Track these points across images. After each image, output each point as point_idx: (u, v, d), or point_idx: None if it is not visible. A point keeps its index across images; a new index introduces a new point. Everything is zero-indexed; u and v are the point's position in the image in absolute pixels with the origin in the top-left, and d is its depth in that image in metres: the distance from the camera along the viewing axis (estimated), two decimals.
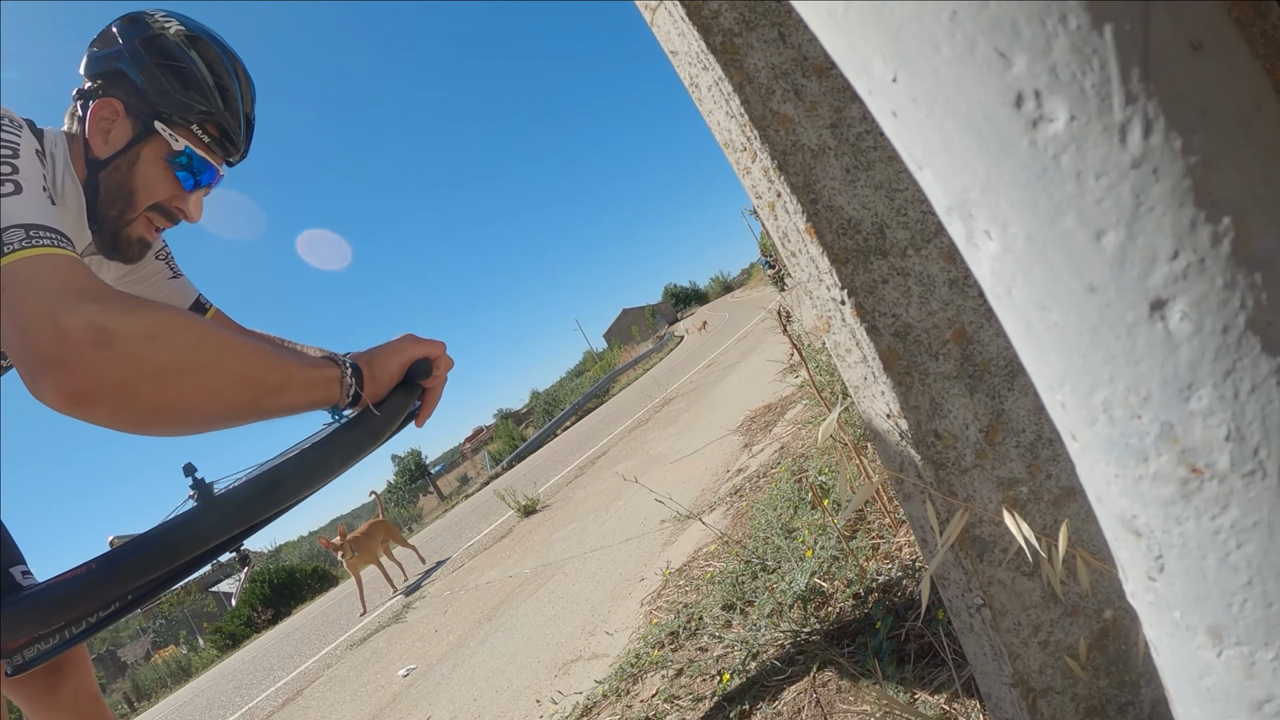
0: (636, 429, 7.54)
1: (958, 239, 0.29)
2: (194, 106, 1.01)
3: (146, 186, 1.01)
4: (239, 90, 1.07)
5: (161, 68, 1.00)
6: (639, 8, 0.82)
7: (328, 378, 0.90)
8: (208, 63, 1.03)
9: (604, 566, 2.98)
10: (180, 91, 1.00)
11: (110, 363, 0.69)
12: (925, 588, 0.63)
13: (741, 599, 1.75)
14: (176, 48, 1.01)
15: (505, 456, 18.01)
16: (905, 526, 1.59)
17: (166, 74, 1.00)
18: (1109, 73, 0.23)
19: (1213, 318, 0.24)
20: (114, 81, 1.00)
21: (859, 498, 0.79)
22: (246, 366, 0.80)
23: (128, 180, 1.00)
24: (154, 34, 1.01)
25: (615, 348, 45.88)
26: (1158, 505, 0.27)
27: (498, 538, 5.53)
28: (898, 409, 0.72)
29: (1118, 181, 0.24)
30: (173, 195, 1.04)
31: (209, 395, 0.77)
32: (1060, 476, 0.74)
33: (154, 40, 1.01)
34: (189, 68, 1.01)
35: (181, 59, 1.01)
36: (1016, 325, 0.29)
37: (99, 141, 0.99)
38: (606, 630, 2.23)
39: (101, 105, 0.99)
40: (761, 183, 0.76)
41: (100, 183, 0.99)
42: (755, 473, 2.97)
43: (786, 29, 0.74)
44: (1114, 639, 0.75)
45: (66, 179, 0.97)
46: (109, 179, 0.99)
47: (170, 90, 1.00)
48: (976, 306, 0.74)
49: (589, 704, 1.71)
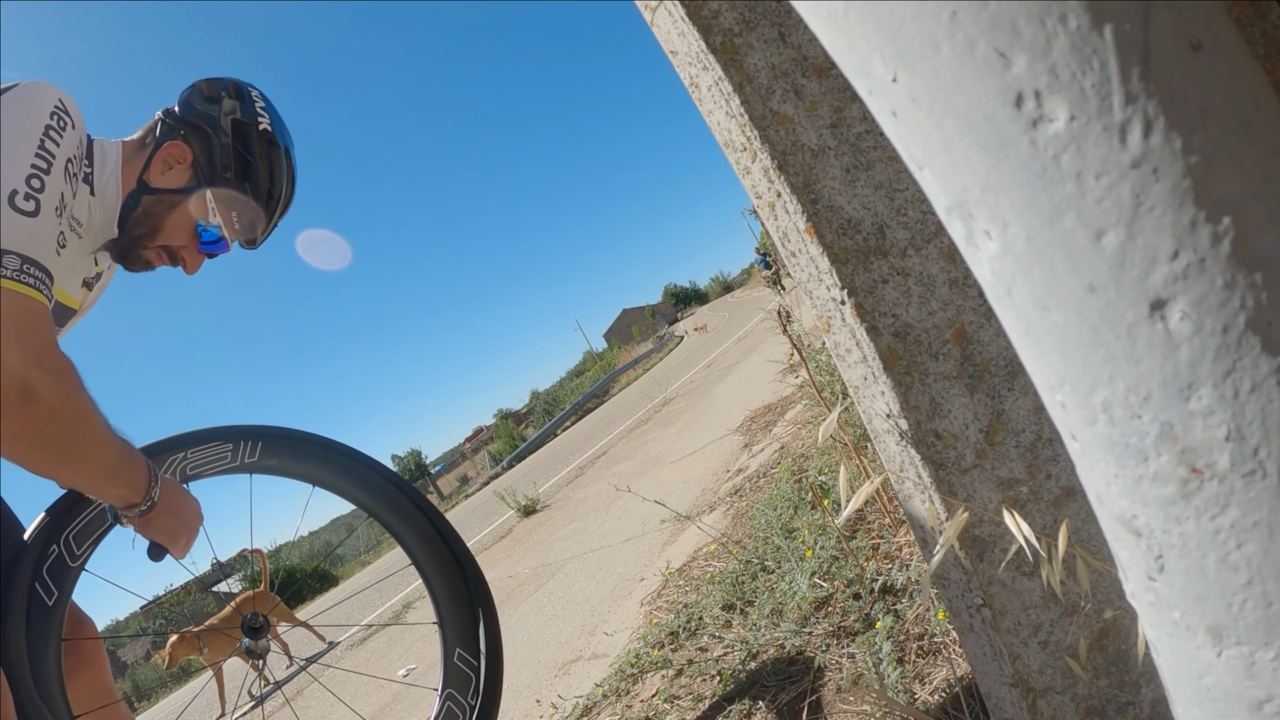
0: (636, 429, 7.54)
1: (958, 239, 0.29)
2: (241, 195, 1.15)
3: (171, 229, 1.12)
4: (281, 202, 1.22)
5: (236, 152, 1.14)
6: (639, 8, 0.82)
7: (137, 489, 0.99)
8: (271, 168, 1.17)
9: (604, 566, 2.98)
10: (237, 180, 1.14)
11: (18, 415, 0.81)
12: (925, 588, 0.63)
13: (741, 599, 1.75)
14: (256, 144, 1.15)
15: (505, 456, 18.01)
16: (905, 526, 1.59)
17: (237, 160, 1.14)
18: (1109, 73, 0.23)
19: (1213, 318, 0.24)
20: (196, 135, 1.13)
21: (859, 498, 0.79)
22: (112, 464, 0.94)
23: (161, 216, 1.11)
24: (245, 122, 1.15)
25: (615, 348, 45.90)
26: (1158, 505, 0.27)
27: (498, 538, 5.53)
28: (898, 409, 0.72)
29: (1118, 181, 0.24)
30: (185, 246, 1.15)
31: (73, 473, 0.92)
32: (1060, 476, 0.74)
33: (243, 126, 1.15)
34: (255, 165, 1.15)
35: (254, 156, 1.15)
36: (1016, 325, 0.29)
37: (158, 171, 1.11)
38: (606, 630, 2.23)
39: (176, 146, 1.12)
40: (761, 183, 0.76)
41: (140, 204, 1.10)
42: (755, 473, 2.97)
43: (786, 29, 0.74)
44: (1114, 639, 0.75)
45: (111, 183, 1.07)
46: (149, 205, 1.10)
47: (232, 174, 1.13)
48: (976, 306, 0.74)
49: (589, 704, 1.71)
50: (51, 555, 1.02)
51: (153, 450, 1.14)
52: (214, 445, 1.18)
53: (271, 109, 1.20)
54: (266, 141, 1.16)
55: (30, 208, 0.86)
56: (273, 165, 1.17)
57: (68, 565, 1.04)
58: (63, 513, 1.05)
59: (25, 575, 1.00)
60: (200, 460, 1.18)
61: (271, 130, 1.17)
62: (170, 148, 1.11)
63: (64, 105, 0.96)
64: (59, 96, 0.96)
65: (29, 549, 1.02)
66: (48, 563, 1.02)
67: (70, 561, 1.04)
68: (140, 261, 1.13)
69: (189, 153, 1.12)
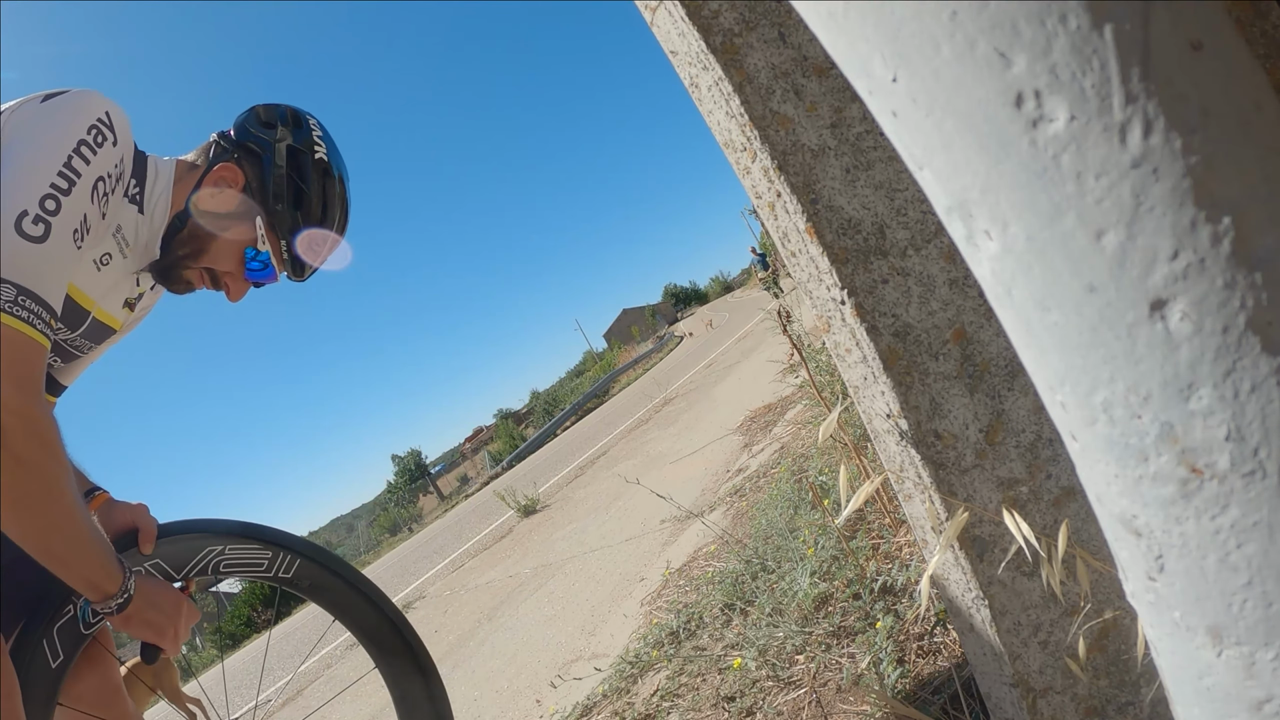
0: (637, 429, 7.54)
1: (958, 239, 0.29)
2: (293, 226, 1.12)
3: (217, 252, 1.09)
4: (335, 231, 1.18)
5: (290, 181, 1.10)
6: (639, 8, 0.82)
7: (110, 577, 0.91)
8: (325, 200, 1.14)
9: (604, 566, 2.98)
10: (289, 209, 1.11)
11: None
12: (925, 588, 0.63)
13: (742, 599, 1.75)
14: (310, 172, 1.12)
15: (505, 456, 18.02)
16: (905, 526, 1.59)
17: (290, 188, 1.10)
18: (1109, 73, 0.23)
19: (1213, 318, 0.24)
20: (249, 159, 1.10)
21: (859, 498, 0.79)
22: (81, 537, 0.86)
23: (208, 239, 1.08)
24: (301, 150, 1.12)
25: (615, 348, 45.89)
26: (1158, 505, 0.27)
27: (498, 538, 5.53)
28: (898, 409, 0.72)
29: (1118, 181, 0.24)
30: (230, 273, 1.11)
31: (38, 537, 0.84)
32: (1060, 476, 0.74)
33: (297, 155, 1.12)
34: (308, 196, 1.12)
35: (308, 184, 1.12)
36: (1016, 325, 0.29)
37: (208, 193, 1.08)
38: (607, 630, 2.23)
39: (229, 169, 1.09)
40: (761, 183, 0.76)
41: (187, 225, 1.06)
42: (755, 473, 2.97)
43: (786, 29, 0.74)
44: (1114, 639, 0.75)
45: (161, 202, 1.04)
46: (195, 227, 1.07)
47: (284, 202, 1.10)
48: (976, 306, 0.74)
49: (589, 704, 1.71)
50: (66, 615, 0.97)
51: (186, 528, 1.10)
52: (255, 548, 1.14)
53: (328, 139, 1.17)
54: (321, 171, 1.13)
55: (38, 232, 0.81)
56: (326, 196, 1.14)
57: (79, 631, 0.98)
58: None
59: (35, 627, 0.95)
60: (236, 560, 1.13)
61: (328, 160, 1.14)
62: (222, 170, 1.08)
63: (108, 119, 0.91)
64: (105, 109, 0.92)
65: (49, 599, 0.96)
66: (60, 621, 0.97)
67: (83, 629, 0.99)
68: (181, 281, 1.10)
69: (241, 176, 1.09)
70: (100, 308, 1.03)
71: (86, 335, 1.04)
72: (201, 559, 1.10)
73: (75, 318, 0.99)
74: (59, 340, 1.01)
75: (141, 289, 1.13)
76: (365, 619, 1.26)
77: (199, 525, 1.12)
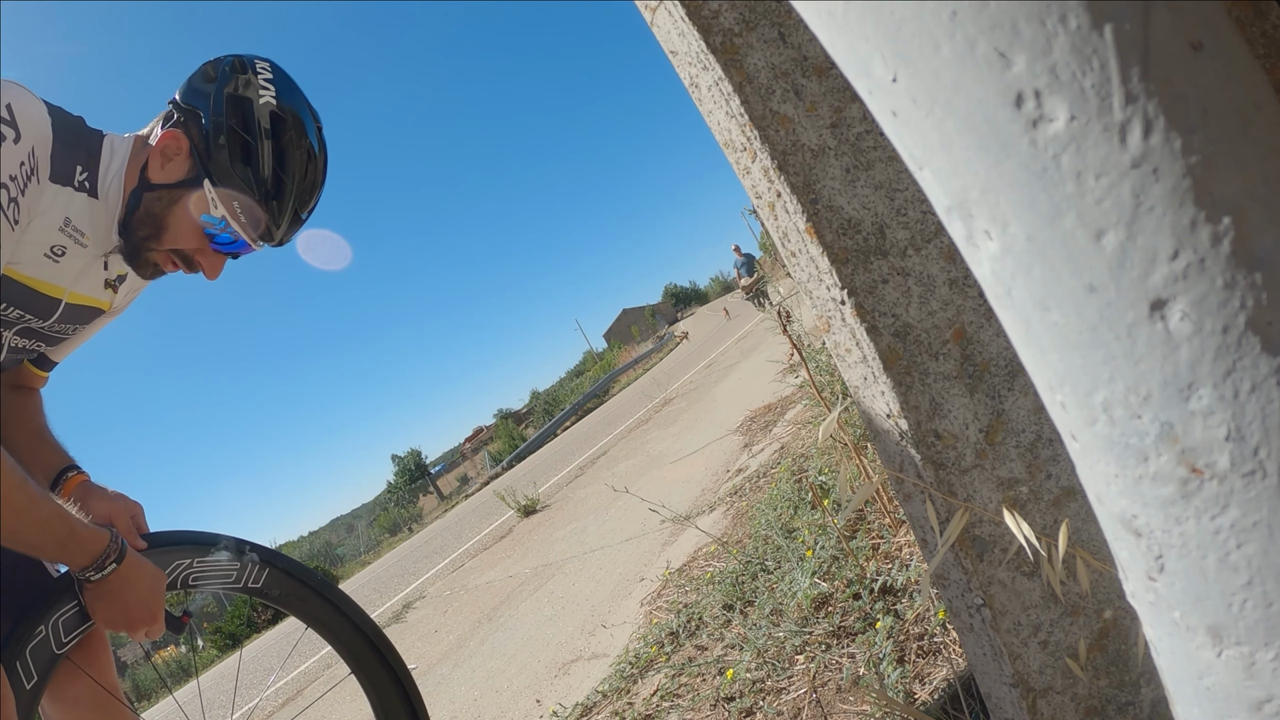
0: (636, 429, 7.54)
1: (958, 239, 0.29)
2: (241, 183, 0.99)
3: (176, 229, 1.00)
4: (296, 185, 1.03)
5: (232, 133, 0.98)
6: (639, 8, 0.82)
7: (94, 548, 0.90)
8: (280, 148, 1.00)
9: (604, 566, 2.98)
10: (235, 164, 0.98)
11: None
12: (925, 588, 0.63)
13: (741, 599, 1.75)
14: (254, 121, 0.99)
15: (505, 456, 18.02)
16: (905, 526, 1.59)
17: (233, 141, 0.98)
18: (1109, 73, 0.23)
19: (1213, 318, 0.24)
20: (191, 120, 0.99)
21: (859, 498, 0.79)
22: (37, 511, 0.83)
23: (163, 215, 0.99)
24: (242, 97, 0.99)
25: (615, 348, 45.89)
26: (1158, 505, 0.27)
27: (498, 538, 5.53)
28: (898, 409, 0.72)
29: (1118, 181, 0.24)
30: (197, 249, 1.03)
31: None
32: (1060, 476, 0.74)
33: (239, 102, 0.99)
34: (254, 145, 0.99)
35: (252, 134, 0.99)
36: (1016, 325, 0.29)
37: (156, 166, 0.99)
38: (607, 630, 2.23)
39: (171, 136, 0.99)
40: (761, 183, 0.76)
41: (141, 203, 0.98)
42: (755, 473, 2.97)
43: (786, 29, 0.74)
44: (1114, 639, 0.75)
45: (115, 183, 0.97)
46: (149, 205, 0.98)
47: (228, 158, 0.98)
48: (976, 306, 0.74)
49: (589, 704, 1.71)
50: (38, 636, 0.95)
51: (154, 541, 1.08)
52: (223, 559, 1.14)
53: (282, 82, 1.03)
54: (267, 116, 0.99)
55: None
56: (280, 144, 1.00)
57: (52, 652, 0.96)
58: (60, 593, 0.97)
59: (11, 648, 0.93)
60: (205, 572, 1.13)
61: (279, 104, 1.00)
62: (166, 137, 0.98)
63: (8, 114, 0.82)
64: (6, 102, 0.82)
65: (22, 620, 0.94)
66: (32, 643, 0.95)
67: (55, 649, 0.97)
68: (148, 265, 1.02)
69: (185, 141, 0.98)
70: (74, 292, 1.00)
71: (65, 320, 1.02)
72: (171, 573, 1.08)
73: (45, 306, 0.97)
74: (33, 328, 0.99)
75: (118, 270, 1.07)
76: (337, 627, 1.27)
77: (166, 538, 1.10)
